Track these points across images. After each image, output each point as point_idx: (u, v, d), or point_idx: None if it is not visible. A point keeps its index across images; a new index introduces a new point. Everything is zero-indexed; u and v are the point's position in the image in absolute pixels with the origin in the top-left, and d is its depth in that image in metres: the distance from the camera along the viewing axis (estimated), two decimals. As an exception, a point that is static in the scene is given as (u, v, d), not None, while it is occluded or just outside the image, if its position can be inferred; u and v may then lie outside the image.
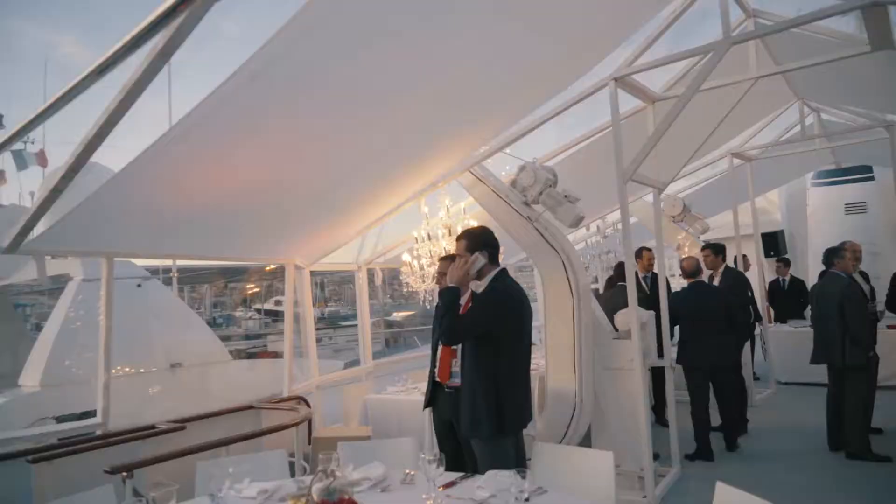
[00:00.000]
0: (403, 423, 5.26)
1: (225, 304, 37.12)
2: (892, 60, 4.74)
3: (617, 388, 4.87)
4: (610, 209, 8.56)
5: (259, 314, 32.31)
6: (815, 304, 5.65)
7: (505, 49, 3.79)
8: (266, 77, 2.79)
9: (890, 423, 5.91)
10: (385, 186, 5.15)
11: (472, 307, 3.19)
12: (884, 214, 10.40)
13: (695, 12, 5.21)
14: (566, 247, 4.87)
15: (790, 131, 8.77)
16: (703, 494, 2.29)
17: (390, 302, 29.87)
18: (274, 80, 2.87)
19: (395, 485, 2.64)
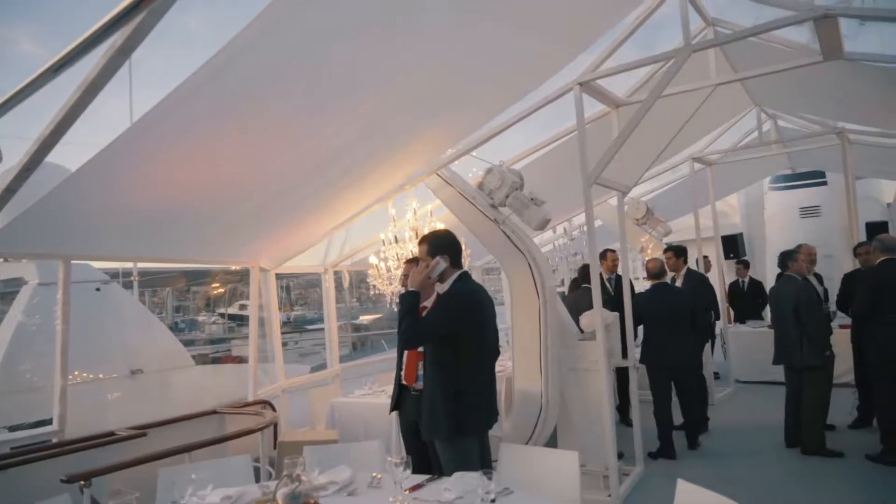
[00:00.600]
0: (370, 426, 5.24)
1: (188, 309, 36.30)
2: (843, 70, 4.93)
3: (582, 389, 4.94)
4: (576, 212, 8.67)
5: (223, 318, 31.73)
6: (773, 307, 5.83)
7: (472, 52, 3.82)
8: (229, 75, 2.75)
9: (843, 419, 6.13)
10: (352, 188, 5.13)
11: (432, 309, 3.20)
12: (836, 218, 10.78)
13: (657, 20, 5.34)
14: (532, 249, 4.92)
15: (748, 137, 9.03)
16: (665, 492, 2.34)
17: (357, 305, 29.67)
18: (238, 78, 2.84)
19: (362, 488, 2.63)
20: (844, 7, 4.01)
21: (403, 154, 4.91)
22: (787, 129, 9.04)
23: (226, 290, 33.48)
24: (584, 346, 4.94)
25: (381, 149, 4.63)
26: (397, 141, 4.64)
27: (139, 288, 14.20)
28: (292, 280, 32.44)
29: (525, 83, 4.92)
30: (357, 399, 5.56)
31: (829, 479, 4.87)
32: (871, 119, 7.27)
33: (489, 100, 4.89)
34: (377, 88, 3.67)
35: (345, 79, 3.36)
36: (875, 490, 4.58)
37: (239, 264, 6.40)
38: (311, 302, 36.64)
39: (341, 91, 3.48)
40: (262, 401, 5.59)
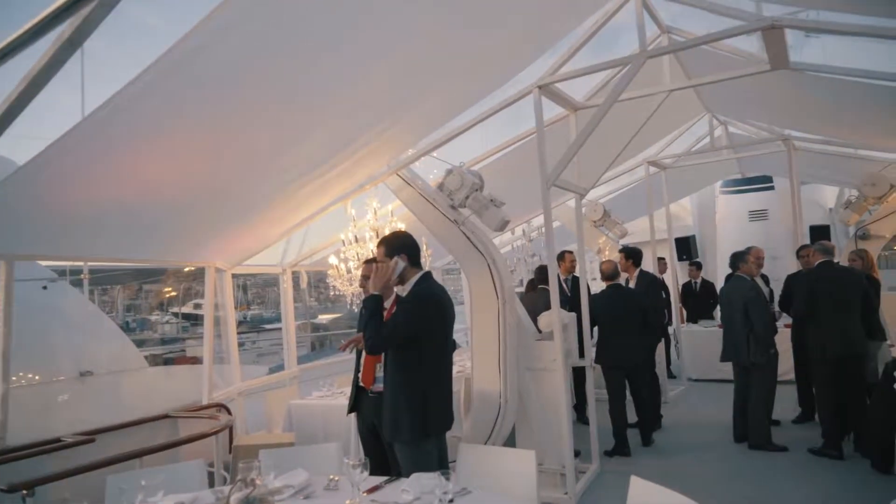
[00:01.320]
0: (329, 428, 5.19)
1: (139, 308, 35.10)
2: (789, 79, 5.12)
3: (540, 388, 5.00)
4: (535, 213, 8.78)
5: (177, 318, 30.82)
6: (723, 306, 6.03)
7: (434, 53, 3.83)
8: (186, 72, 2.69)
9: (787, 415, 6.37)
10: (311, 188, 5.07)
11: (395, 312, 3.19)
12: (782, 221, 11.20)
13: (615, 26, 5.45)
14: (492, 250, 4.95)
15: (701, 142, 9.30)
16: (620, 489, 2.39)
17: (316, 304, 29.29)
18: (194, 75, 2.77)
19: (319, 491, 2.60)
20: (790, 19, 4.16)
21: (364, 154, 4.88)
22: (737, 135, 9.34)
23: (179, 290, 32.58)
24: (542, 346, 5.01)
25: (341, 149, 4.59)
26: (358, 141, 4.61)
27: (89, 286, 13.69)
28: (249, 279, 31.82)
29: (485, 85, 4.96)
30: (315, 401, 5.50)
31: (774, 472, 5.07)
32: (815, 127, 7.58)
33: (450, 101, 4.91)
34: (337, 88, 3.64)
35: (304, 79, 3.33)
36: (816, 482, 4.78)
37: (194, 265, 6.25)
38: (268, 301, 35.93)
39: (300, 91, 3.44)
40: (217, 404, 5.47)
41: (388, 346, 3.15)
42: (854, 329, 5.27)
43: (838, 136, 7.64)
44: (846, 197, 9.30)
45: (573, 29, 5.08)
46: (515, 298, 5.16)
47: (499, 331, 4.84)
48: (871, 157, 7.97)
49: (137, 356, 9.67)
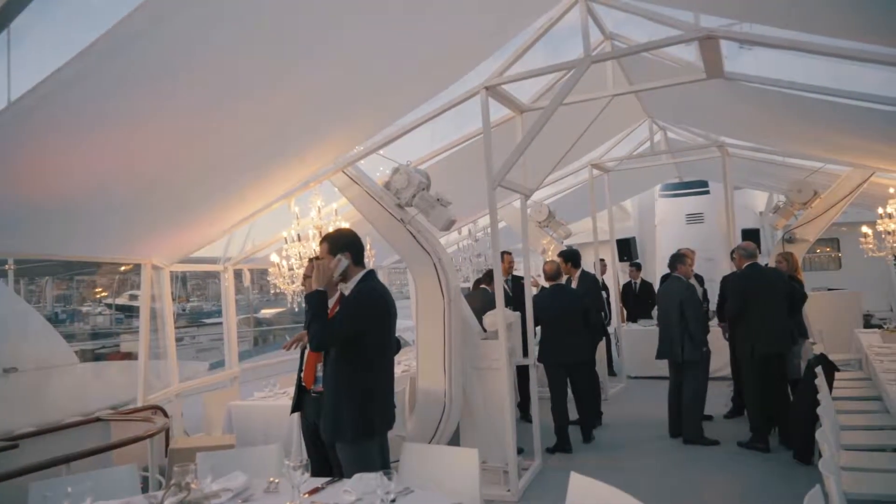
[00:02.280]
0: (270, 429, 5.08)
1: (70, 298, 32.97)
2: (723, 88, 5.34)
3: (484, 387, 5.05)
4: (481, 213, 8.84)
5: (110, 309, 29.19)
6: (659, 306, 6.24)
7: (382, 51, 3.80)
8: (122, 60, 2.57)
9: (719, 410, 6.65)
10: (254, 185, 4.95)
11: (339, 310, 3.15)
12: (717, 224, 11.67)
13: (561, 29, 5.53)
14: (438, 249, 4.96)
15: (641, 146, 9.58)
16: (561, 485, 2.44)
17: (258, 297, 28.40)
18: (130, 64, 2.66)
19: (258, 494, 2.54)
20: (725, 30, 4.34)
21: (309, 151, 4.81)
22: (676, 140, 9.68)
23: (114, 280, 30.92)
24: (487, 345, 5.05)
25: (286, 146, 4.50)
26: (303, 138, 4.53)
27: (14, 276, 12.90)
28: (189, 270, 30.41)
29: (433, 85, 4.96)
30: (256, 402, 5.38)
31: (707, 465, 5.28)
32: (747, 135, 7.93)
33: (397, 99, 4.89)
34: (284, 84, 3.57)
35: (247, 71, 3.24)
36: (745, 473, 5.01)
37: (129, 261, 6.00)
38: (208, 293, 34.38)
39: (243, 83, 3.35)
40: (152, 406, 5.27)
41: (334, 344, 3.12)
42: (780, 328, 5.56)
43: (768, 144, 8.02)
44: (775, 202, 9.79)
45: (520, 32, 5.14)
46: (461, 298, 5.19)
47: (444, 330, 4.86)
48: (798, 165, 8.41)
49: (67, 351, 9.14)
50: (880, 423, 4.29)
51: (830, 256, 12.94)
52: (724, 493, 4.71)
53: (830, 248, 12.83)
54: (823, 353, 5.38)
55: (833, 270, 12.66)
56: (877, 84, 4.37)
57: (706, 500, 4.60)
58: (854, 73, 4.34)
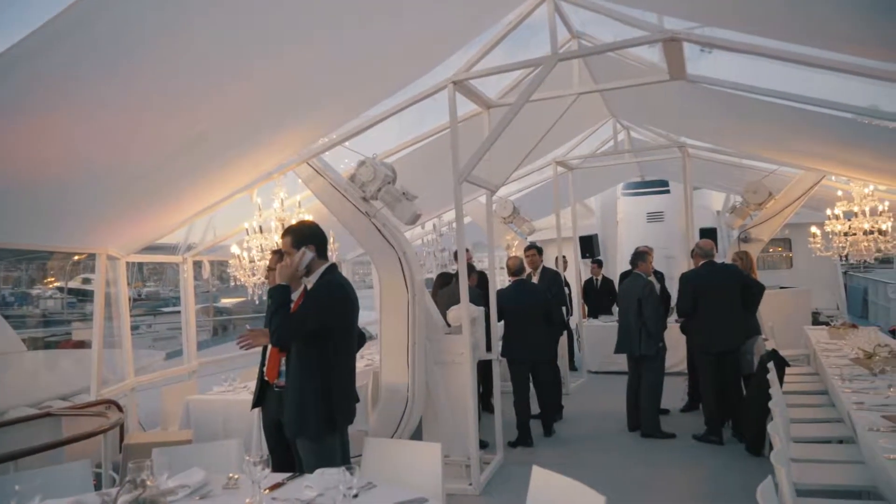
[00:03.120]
0: (230, 424, 4.98)
1: (19, 281, 31.21)
2: (685, 90, 5.46)
3: (447, 382, 5.06)
4: (446, 208, 8.85)
5: (62, 293, 27.82)
6: (619, 302, 6.36)
7: (350, 42, 3.75)
8: (77, 36, 2.47)
9: (675, 404, 6.82)
10: (217, 175, 4.84)
11: (303, 304, 3.12)
12: (677, 223, 11.94)
13: (529, 27, 5.57)
14: (403, 243, 4.95)
15: (605, 145, 9.73)
16: (522, 478, 2.47)
17: (219, 284, 27.52)
18: (89, 42, 2.55)
19: (217, 490, 2.49)
20: (688, 33, 4.43)
21: (274, 142, 4.72)
22: (639, 140, 9.86)
23: (67, 262, 29.38)
24: (451, 340, 5.06)
25: (249, 136, 4.41)
26: (266, 129, 4.44)
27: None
28: (146, 251, 29.00)
29: (400, 78, 4.93)
30: (215, 396, 5.27)
31: (663, 457, 5.42)
32: (707, 136, 8.13)
33: (364, 91, 4.84)
34: (248, 73, 3.48)
35: (212, 62, 3.16)
36: (700, 465, 5.16)
37: (83, 251, 5.80)
38: (166, 278, 32.93)
39: (208, 75, 3.27)
40: (106, 400, 5.11)
41: (296, 338, 3.08)
42: (734, 324, 5.73)
43: (726, 146, 8.24)
44: (732, 202, 10.06)
45: (488, 27, 5.15)
46: (425, 292, 5.18)
47: (408, 324, 4.85)
48: (754, 167, 8.66)
49: (14, 339, 8.73)
50: (827, 416, 4.47)
51: (782, 256, 13.39)
52: (679, 484, 4.83)
53: (782, 247, 13.28)
54: (775, 349, 5.57)
55: (785, 269, 13.10)
56: (828, 90, 4.52)
57: (663, 491, 4.71)
58: (808, 79, 4.49)
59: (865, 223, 6.92)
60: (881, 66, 3.70)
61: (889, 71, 3.68)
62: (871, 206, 6.88)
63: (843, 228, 7.11)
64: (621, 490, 4.66)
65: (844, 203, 7.06)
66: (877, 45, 3.58)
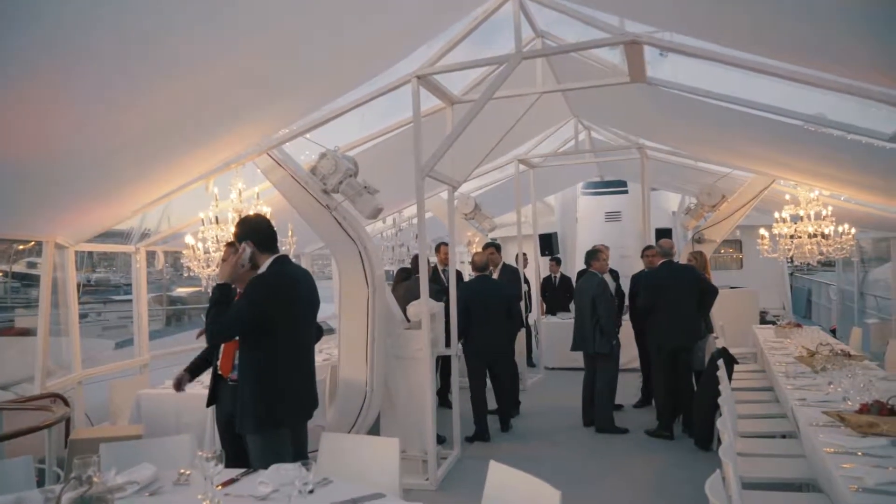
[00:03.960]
0: (183, 419, 4.87)
1: None
2: (645, 92, 5.57)
3: (406, 377, 5.05)
4: (407, 203, 8.82)
5: (5, 277, 26.39)
6: (575, 300, 6.46)
7: (311, 31, 3.69)
8: (28, 22, 2.36)
9: (629, 400, 6.98)
10: (172, 162, 4.70)
11: (238, 297, 3.06)
12: (634, 223, 12.19)
13: (494, 24, 5.58)
14: (363, 237, 4.91)
15: (566, 144, 9.85)
16: (479, 473, 2.48)
17: (172, 272, 26.52)
18: (38, 27, 2.44)
19: (168, 487, 2.44)
20: (649, 37, 4.52)
21: (232, 132, 4.61)
22: (599, 140, 10.02)
23: (8, 245, 27.87)
24: (410, 335, 5.06)
25: (208, 125, 4.29)
26: (226, 118, 4.34)
27: None
28: (97, 238, 27.93)
29: (363, 70, 4.88)
30: (168, 390, 5.12)
31: (616, 452, 5.54)
32: (664, 138, 8.32)
33: (326, 83, 4.78)
34: (205, 62, 3.39)
35: (167, 48, 3.06)
36: (651, 460, 5.29)
37: (28, 238, 5.56)
38: (117, 263, 31.56)
39: (166, 62, 3.15)
40: (51, 394, 4.92)
41: (230, 334, 3.04)
42: (689, 323, 5.90)
43: (683, 148, 8.44)
44: (687, 204, 10.32)
45: (454, 23, 5.15)
46: (385, 287, 5.16)
47: (367, 319, 4.82)
48: (709, 170, 8.91)
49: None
50: (772, 412, 4.64)
51: (733, 257, 13.81)
52: (631, 478, 4.95)
53: (734, 248, 13.69)
54: (725, 347, 5.76)
55: (735, 270, 13.52)
56: (780, 98, 4.69)
57: (616, 485, 4.82)
58: (761, 86, 4.63)
59: (810, 226, 7.19)
60: (827, 77, 3.85)
61: (833, 81, 3.84)
62: (815, 211, 7.15)
63: (789, 231, 7.38)
64: (576, 484, 4.76)
65: (791, 207, 7.33)
66: (822, 57, 3.73)
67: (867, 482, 2.39)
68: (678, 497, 4.48)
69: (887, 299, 10.40)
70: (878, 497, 2.27)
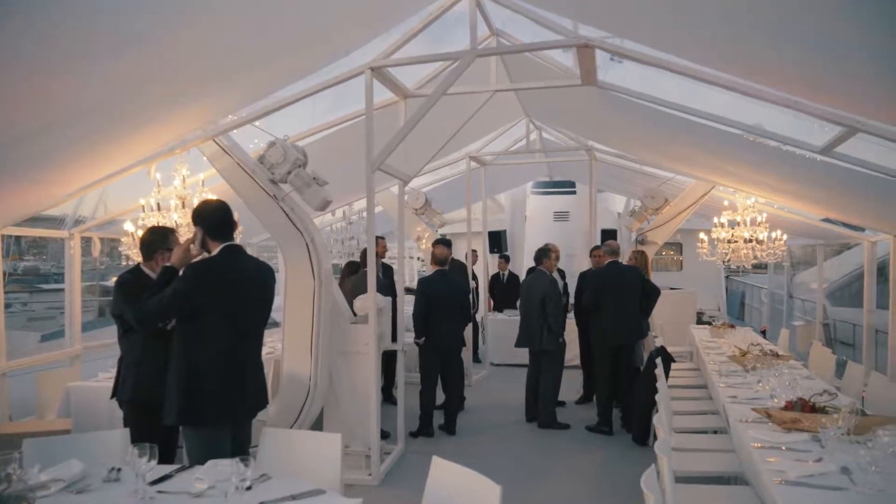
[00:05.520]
0: (116, 413, 4.65)
1: None
2: (595, 96, 5.67)
3: (351, 371, 5.01)
4: (357, 196, 8.72)
5: None
6: (523, 297, 6.53)
7: (262, 15, 3.59)
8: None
9: (571, 396, 7.13)
10: (112, 145, 4.49)
11: (171, 284, 2.96)
12: (581, 223, 12.44)
13: (450, 19, 5.57)
14: (311, 229, 4.83)
15: (517, 143, 9.95)
16: (422, 468, 2.49)
17: (108, 261, 25.37)
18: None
19: (96, 484, 2.33)
20: (601, 41, 4.61)
21: (175, 115, 4.44)
22: (549, 140, 10.16)
23: None
24: (356, 330, 5.01)
25: (149, 107, 4.11)
26: (168, 100, 4.16)
27: None
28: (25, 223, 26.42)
29: (316, 59, 4.79)
30: (101, 383, 4.92)
31: (557, 447, 5.66)
32: (612, 141, 8.51)
33: (277, 69, 4.66)
34: (147, 39, 3.24)
35: (106, 22, 2.91)
36: (590, 454, 5.43)
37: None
38: (47, 252, 29.80)
39: (105, 38, 3.00)
40: (-31, 386, 4.65)
41: (156, 319, 2.97)
42: (632, 322, 6.07)
43: (630, 152, 8.66)
44: (632, 206, 10.59)
45: (410, 16, 5.11)
46: (332, 280, 5.09)
47: (313, 312, 4.75)
48: (654, 174, 9.17)
49: None
50: (706, 409, 4.83)
51: (674, 259, 14.30)
52: (571, 472, 5.06)
53: (674, 251, 14.17)
54: (663, 346, 5.95)
55: (675, 271, 14.00)
56: (722, 107, 4.86)
57: (556, 479, 4.91)
58: (705, 95, 4.79)
59: (746, 232, 7.50)
60: (765, 90, 4.03)
61: (771, 94, 4.01)
62: (751, 217, 7.46)
63: (727, 236, 7.67)
64: (517, 478, 4.83)
65: (729, 212, 7.62)
66: (762, 71, 3.89)
67: (789, 475, 2.51)
68: (615, 491, 4.60)
69: (812, 302, 10.98)
70: (798, 489, 2.38)
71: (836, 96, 3.77)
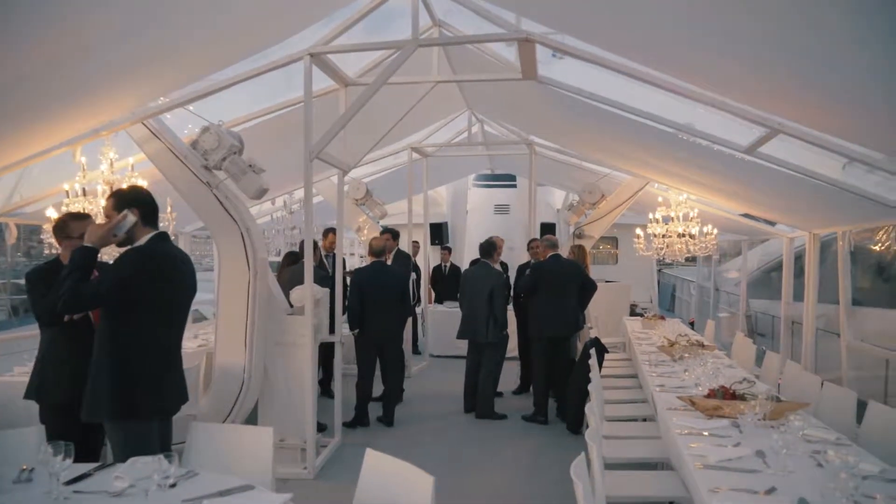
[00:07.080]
0: (34, 411, 4.41)
1: None
2: (536, 90, 5.75)
3: (287, 363, 4.91)
4: (295, 185, 8.54)
5: None
6: (466, 288, 6.56)
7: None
8: None
9: (508, 387, 7.24)
10: (33, 125, 4.20)
11: (106, 269, 2.80)
12: (520, 216, 12.61)
13: (392, 8, 5.50)
14: (246, 218, 4.70)
15: (460, 136, 9.98)
16: (359, 460, 2.46)
17: (24, 261, 24.08)
18: None
19: (6, 485, 2.19)
20: (542, 36, 4.66)
21: (101, 96, 4.21)
22: (491, 134, 10.23)
23: None
24: (292, 321, 4.92)
25: (74, 84, 3.87)
26: (96, 79, 3.93)
27: None
28: None
29: (252, 42, 4.64)
30: (16, 378, 4.63)
31: (495, 437, 5.74)
32: (552, 136, 8.66)
33: (212, 52, 4.48)
34: (67, 15, 3.04)
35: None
36: (526, 443, 5.55)
37: None
38: None
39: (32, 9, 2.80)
40: None
41: (88, 305, 2.82)
42: (570, 314, 6.21)
43: (568, 147, 8.83)
44: (570, 200, 10.81)
45: (351, 1, 5.02)
46: (269, 271, 4.97)
47: (248, 304, 4.63)
48: (591, 169, 9.38)
49: None
50: (636, 398, 5.00)
51: (610, 252, 14.70)
52: (506, 462, 5.15)
53: (610, 245, 14.57)
54: (598, 337, 6.12)
55: (611, 265, 14.40)
56: (657, 106, 5.02)
57: (491, 469, 4.99)
58: (641, 94, 4.93)
59: (679, 227, 7.79)
60: (696, 90, 4.18)
61: (701, 94, 4.17)
62: (684, 213, 7.75)
63: (661, 231, 7.94)
64: (453, 468, 4.88)
65: (664, 208, 7.89)
66: (694, 71, 4.03)
67: (709, 460, 2.63)
68: (548, 478, 4.71)
69: (736, 295, 11.54)
70: (718, 472, 2.50)
71: (758, 97, 3.96)
